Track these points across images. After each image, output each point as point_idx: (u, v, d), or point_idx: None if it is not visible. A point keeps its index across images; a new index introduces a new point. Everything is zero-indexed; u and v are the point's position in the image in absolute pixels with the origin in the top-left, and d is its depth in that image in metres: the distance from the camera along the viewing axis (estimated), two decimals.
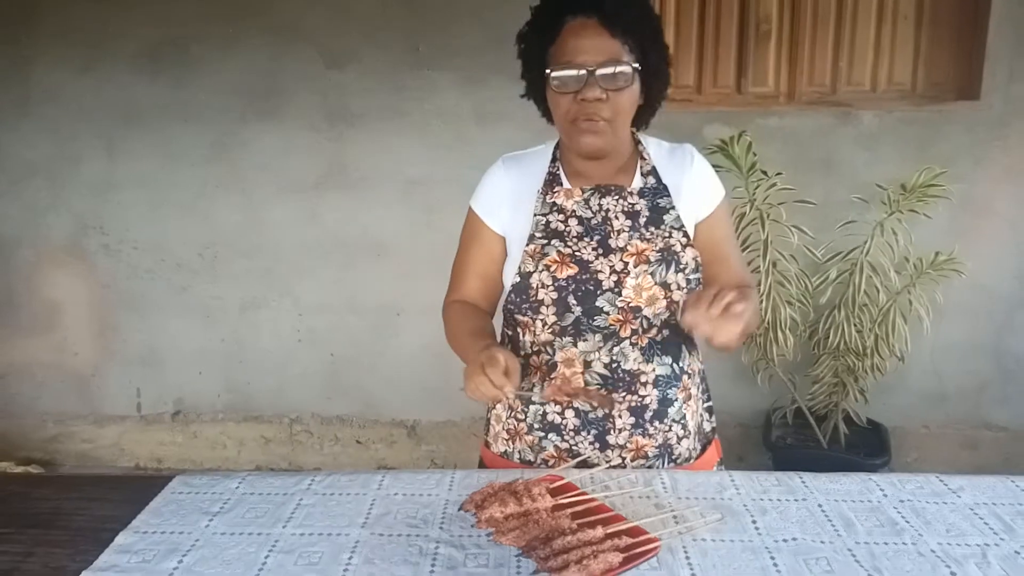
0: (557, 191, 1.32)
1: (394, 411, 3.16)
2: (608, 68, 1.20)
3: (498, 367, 1.12)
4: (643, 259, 1.26)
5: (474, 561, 0.99)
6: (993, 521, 1.09)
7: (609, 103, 1.22)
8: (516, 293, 1.30)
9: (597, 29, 1.21)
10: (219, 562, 1.00)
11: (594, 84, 1.21)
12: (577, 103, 1.22)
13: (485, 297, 1.39)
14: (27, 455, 3.24)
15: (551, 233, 1.30)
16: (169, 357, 3.19)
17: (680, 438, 1.33)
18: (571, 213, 1.31)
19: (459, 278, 1.41)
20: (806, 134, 2.79)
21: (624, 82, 1.22)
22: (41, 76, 2.97)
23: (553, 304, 1.27)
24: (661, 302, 1.26)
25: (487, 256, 1.36)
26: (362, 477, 1.23)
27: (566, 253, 1.27)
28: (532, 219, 1.31)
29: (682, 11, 2.85)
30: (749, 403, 2.97)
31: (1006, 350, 2.90)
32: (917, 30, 2.79)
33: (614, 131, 1.26)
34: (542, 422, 1.32)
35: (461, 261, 1.41)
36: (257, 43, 2.88)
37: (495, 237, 1.35)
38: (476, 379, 1.13)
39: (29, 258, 3.14)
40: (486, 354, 1.15)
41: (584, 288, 1.26)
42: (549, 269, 1.27)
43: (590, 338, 1.27)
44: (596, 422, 1.29)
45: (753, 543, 1.03)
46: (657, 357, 1.29)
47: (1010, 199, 2.78)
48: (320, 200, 3.00)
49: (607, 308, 1.26)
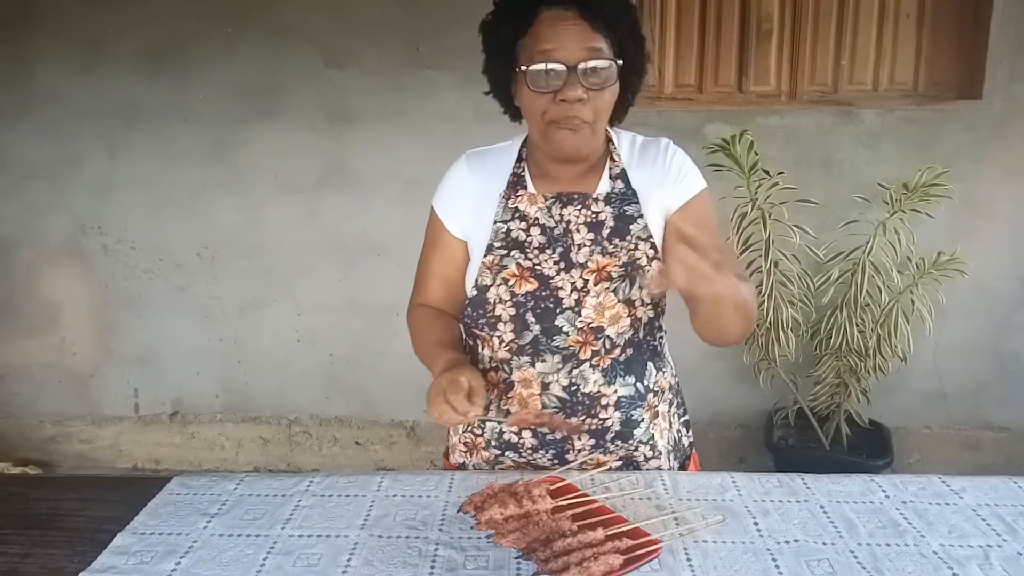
0: (521, 195, 1.24)
1: (393, 412, 3.15)
2: (591, 66, 1.10)
3: (461, 391, 1.06)
4: (604, 276, 1.19)
5: (474, 563, 0.99)
6: (995, 522, 1.08)
7: (590, 104, 1.12)
8: (473, 307, 1.23)
9: (576, 21, 1.11)
10: (217, 564, 1.00)
11: (575, 83, 1.10)
12: (556, 103, 1.12)
13: (450, 302, 1.32)
14: (25, 456, 3.23)
15: (511, 243, 1.22)
16: (167, 357, 3.18)
17: (648, 458, 1.27)
18: (533, 221, 1.23)
19: (423, 282, 1.35)
20: (808, 133, 2.78)
21: (607, 80, 1.13)
22: (41, 76, 2.96)
23: (511, 320, 1.20)
24: (625, 320, 1.20)
25: (450, 261, 1.30)
26: (361, 478, 1.22)
27: (526, 267, 1.20)
28: (492, 226, 1.23)
29: (683, 10, 2.84)
30: (751, 404, 2.97)
31: (1007, 350, 2.90)
32: (919, 29, 2.78)
33: (594, 133, 1.17)
34: (499, 440, 1.28)
35: (425, 264, 1.34)
36: (257, 43, 2.87)
37: (456, 242, 1.28)
38: (439, 407, 1.07)
39: (28, 258, 3.13)
40: (448, 377, 1.09)
41: (543, 305, 1.19)
42: (507, 283, 1.20)
43: (548, 359, 1.20)
44: (554, 443, 1.24)
45: (755, 544, 1.02)
46: (620, 378, 1.22)
47: (1011, 199, 2.77)
48: (320, 200, 2.99)
49: (567, 328, 1.19)
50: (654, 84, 2.88)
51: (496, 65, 1.21)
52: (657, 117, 2.79)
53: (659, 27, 2.84)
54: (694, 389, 2.96)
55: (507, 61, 1.17)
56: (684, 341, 2.88)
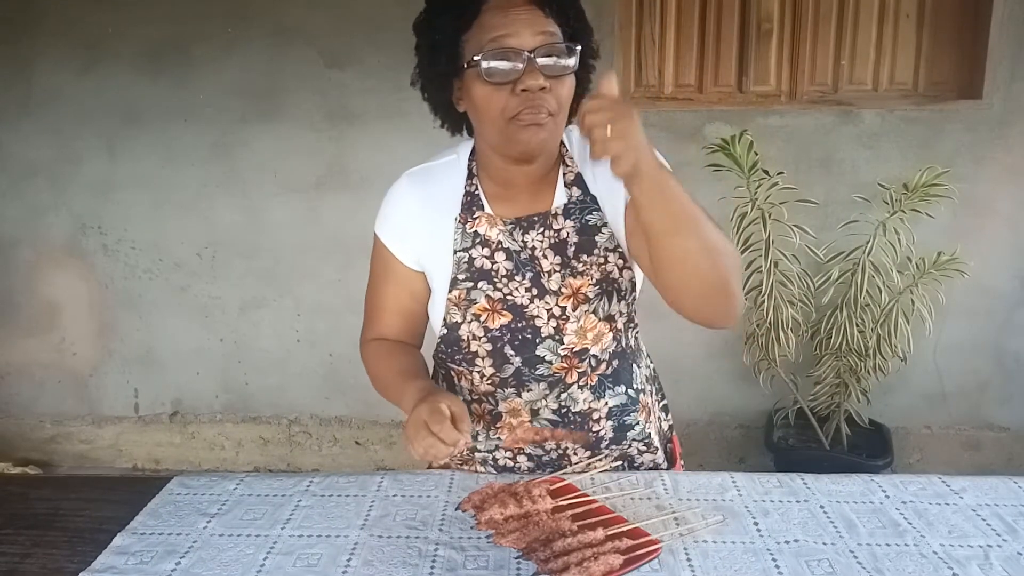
0: (478, 217, 1.15)
1: (393, 412, 3.10)
2: (550, 53, 1.02)
3: (444, 420, 0.97)
4: (581, 299, 1.13)
5: (474, 563, 0.99)
6: (995, 522, 1.08)
7: (552, 93, 1.03)
8: (446, 344, 1.16)
9: (527, 7, 1.03)
10: (217, 564, 1.00)
11: (534, 70, 1.01)
12: (516, 95, 1.02)
13: (409, 334, 1.23)
14: (25, 456, 3.23)
15: (476, 274, 1.14)
16: (167, 357, 3.18)
17: (642, 452, 1.26)
18: (497, 245, 1.14)
19: (376, 315, 1.24)
20: (807, 133, 2.78)
21: (566, 67, 1.04)
22: (42, 76, 2.96)
23: (489, 356, 1.14)
24: (608, 336, 1.16)
25: (406, 293, 1.21)
26: (361, 478, 1.22)
27: (496, 299, 1.13)
28: (452, 257, 1.14)
29: (683, 10, 2.84)
30: (751, 404, 2.96)
31: (1007, 350, 2.90)
32: (919, 29, 2.78)
33: (557, 127, 1.07)
34: (494, 465, 1.24)
35: (375, 296, 1.24)
36: (257, 43, 2.87)
37: (412, 274, 1.19)
38: (423, 441, 0.98)
39: (28, 258, 3.13)
40: (427, 407, 0.99)
41: (521, 337, 1.13)
42: (479, 319, 1.13)
43: (534, 387, 1.16)
44: (550, 463, 1.22)
45: (755, 545, 1.02)
46: (609, 391, 1.19)
47: (1011, 198, 2.77)
48: (320, 200, 2.99)
49: (549, 357, 1.13)
50: (654, 84, 2.89)
51: (435, 67, 1.09)
52: (657, 117, 2.79)
53: (659, 27, 2.84)
54: (694, 389, 3.00)
55: (449, 60, 1.07)
56: (683, 341, 2.88)
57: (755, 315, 2.62)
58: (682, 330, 1.26)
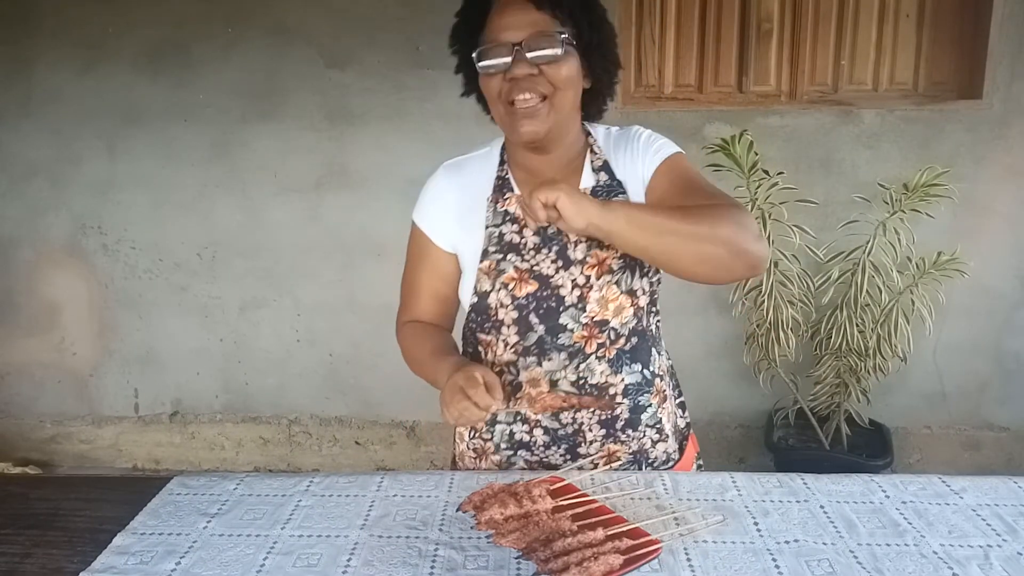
0: (508, 197, 1.25)
1: (393, 412, 3.15)
2: (536, 42, 1.13)
3: (479, 386, 1.05)
4: (605, 269, 1.20)
5: (474, 563, 0.99)
6: (995, 522, 1.08)
7: (543, 77, 1.14)
8: (476, 312, 1.24)
9: (522, 4, 1.15)
10: (217, 564, 0.99)
11: (522, 60, 1.13)
12: (507, 82, 1.15)
13: (441, 316, 1.32)
14: (25, 456, 3.24)
15: (506, 247, 1.22)
16: (167, 357, 3.19)
17: (655, 442, 1.29)
18: (525, 222, 1.23)
19: (411, 298, 1.33)
20: (807, 133, 2.78)
21: (554, 55, 1.13)
22: (42, 76, 2.96)
23: (514, 324, 1.21)
24: (628, 310, 1.22)
25: (439, 277, 1.30)
26: (361, 478, 1.22)
27: (524, 268, 1.21)
28: (484, 232, 1.24)
29: (683, 10, 2.84)
30: (751, 404, 2.97)
31: (1007, 350, 2.90)
32: (919, 29, 2.78)
33: (554, 110, 1.16)
34: (510, 441, 1.27)
35: (411, 280, 1.33)
36: (257, 43, 2.88)
37: (445, 256, 1.28)
38: (458, 405, 1.06)
39: (28, 258, 3.13)
40: (463, 375, 1.07)
41: (546, 305, 1.20)
42: (507, 287, 1.21)
43: (555, 357, 1.21)
44: (566, 437, 1.24)
45: (755, 545, 1.02)
46: (626, 367, 1.24)
47: (1011, 198, 2.77)
48: (320, 200, 2.99)
49: (571, 325, 1.20)
50: (654, 84, 2.89)
51: (464, 64, 1.24)
52: (657, 117, 2.79)
53: (659, 27, 2.84)
54: (694, 389, 2.96)
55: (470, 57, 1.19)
56: (683, 340, 2.88)
57: (755, 315, 2.62)
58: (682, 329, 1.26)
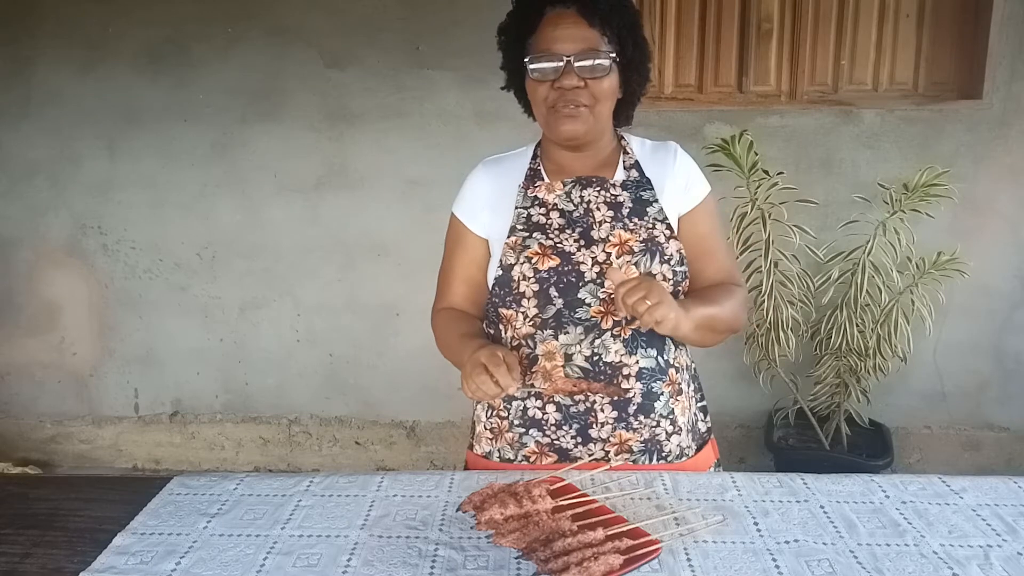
0: (539, 185, 1.34)
1: (393, 412, 3.15)
2: (586, 58, 1.23)
3: (501, 364, 1.12)
4: (626, 249, 1.27)
5: (474, 563, 0.99)
6: (995, 522, 1.08)
7: (587, 90, 1.24)
8: (499, 286, 1.31)
9: (575, 19, 1.24)
10: (217, 564, 1.00)
11: (571, 73, 1.23)
12: (555, 90, 1.25)
13: (472, 302, 1.39)
14: (25, 456, 3.23)
15: (532, 226, 1.30)
16: (167, 357, 3.18)
17: (669, 434, 1.30)
18: (552, 206, 1.32)
19: (446, 285, 1.41)
20: (807, 133, 2.78)
21: (601, 71, 1.24)
22: (42, 76, 2.96)
23: (535, 296, 1.27)
24: None
25: (472, 261, 1.37)
26: (361, 478, 1.22)
27: (548, 245, 1.28)
28: (513, 212, 1.32)
29: (683, 10, 2.84)
30: (751, 404, 2.96)
31: (1007, 350, 2.90)
32: (919, 29, 2.78)
33: (594, 117, 1.27)
34: (523, 418, 1.31)
35: (447, 268, 1.41)
36: (257, 43, 2.87)
37: (478, 241, 1.36)
38: (478, 378, 1.13)
39: (28, 258, 3.13)
40: (486, 352, 1.15)
41: (566, 280, 1.26)
42: (531, 261, 1.27)
43: (571, 331, 1.26)
44: (578, 416, 1.27)
45: (755, 545, 1.02)
46: (641, 350, 1.27)
47: (1011, 198, 2.77)
48: (320, 200, 2.99)
49: (589, 300, 1.25)
50: (654, 84, 2.88)
51: (510, 62, 1.33)
52: (657, 117, 2.79)
53: (659, 27, 2.84)
54: None
55: (519, 58, 1.28)
56: None
57: (755, 315, 2.62)
58: None
